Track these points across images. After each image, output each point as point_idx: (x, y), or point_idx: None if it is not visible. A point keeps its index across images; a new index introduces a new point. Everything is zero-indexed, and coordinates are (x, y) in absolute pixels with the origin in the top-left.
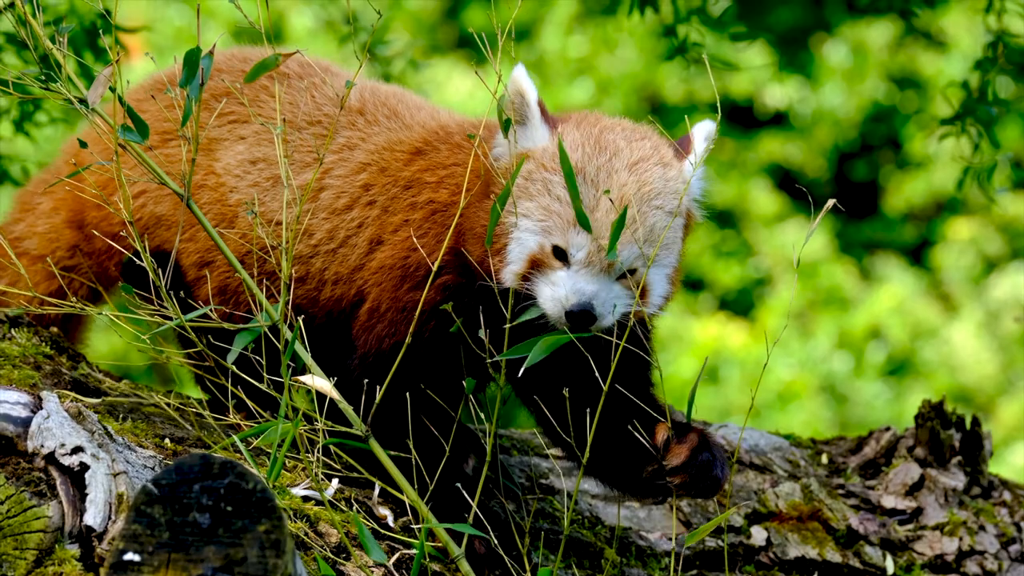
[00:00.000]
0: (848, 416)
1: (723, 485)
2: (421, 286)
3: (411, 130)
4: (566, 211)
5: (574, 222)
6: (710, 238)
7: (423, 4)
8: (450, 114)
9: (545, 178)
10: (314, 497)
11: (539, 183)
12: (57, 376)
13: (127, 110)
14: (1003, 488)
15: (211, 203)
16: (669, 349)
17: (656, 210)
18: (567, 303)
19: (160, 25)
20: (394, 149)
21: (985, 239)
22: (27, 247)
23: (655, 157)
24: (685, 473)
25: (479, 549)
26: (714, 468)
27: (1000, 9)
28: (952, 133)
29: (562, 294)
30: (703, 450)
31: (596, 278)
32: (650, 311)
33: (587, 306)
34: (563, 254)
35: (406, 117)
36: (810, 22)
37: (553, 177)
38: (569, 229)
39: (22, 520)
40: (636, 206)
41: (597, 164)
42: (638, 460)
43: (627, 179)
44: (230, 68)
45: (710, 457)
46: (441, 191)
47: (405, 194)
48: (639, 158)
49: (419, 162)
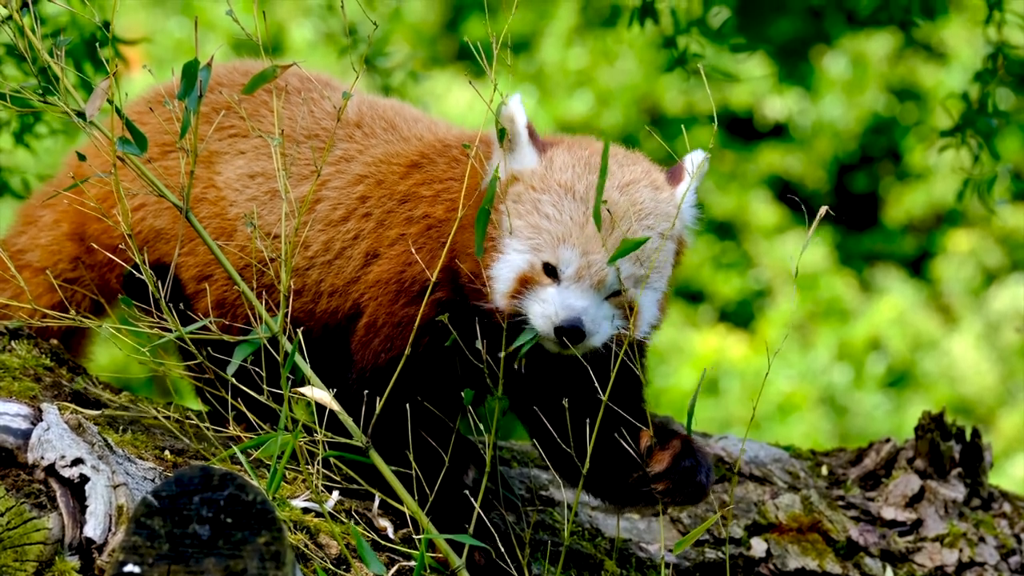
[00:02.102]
0: (848, 428)
1: (707, 491)
2: (416, 301)
3: (408, 143)
4: (555, 228)
5: (563, 238)
6: (710, 250)
7: (423, 16)
8: (448, 127)
9: (534, 198)
10: (314, 509)
11: (528, 203)
12: (57, 388)
13: (125, 122)
14: (1003, 500)
15: (211, 217)
16: (669, 361)
17: (647, 230)
18: (557, 319)
19: (160, 37)
20: (391, 162)
21: (985, 251)
22: (29, 259)
23: (646, 180)
24: (668, 479)
25: (479, 561)
26: (697, 474)
27: (1000, 21)
28: (952, 145)
29: (552, 310)
30: (686, 456)
31: (586, 294)
32: (639, 335)
33: (576, 322)
34: (553, 271)
35: (403, 129)
36: (810, 34)
37: (542, 196)
38: (559, 245)
39: (22, 532)
40: (626, 225)
41: (587, 183)
42: (624, 469)
43: (618, 199)
44: (231, 82)
45: (693, 463)
46: (437, 206)
47: (401, 208)
48: (630, 180)
49: (415, 175)
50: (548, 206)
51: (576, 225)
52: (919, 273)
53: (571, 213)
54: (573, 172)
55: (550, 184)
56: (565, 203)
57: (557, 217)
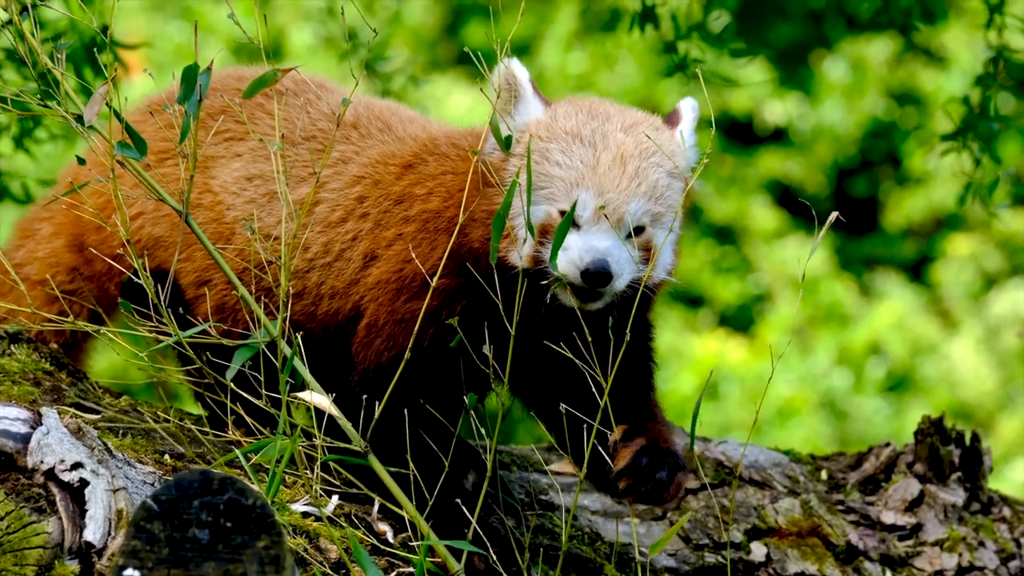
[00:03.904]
0: (848, 432)
1: (670, 489)
2: (418, 296)
3: (403, 143)
4: (567, 173)
5: (576, 182)
6: (710, 254)
7: (423, 20)
8: (440, 125)
9: (542, 147)
10: (314, 513)
11: (537, 154)
12: (57, 392)
13: (125, 127)
14: (1003, 504)
15: (208, 222)
16: (669, 366)
17: (656, 167)
18: (582, 263)
19: (160, 42)
20: (387, 163)
21: (985, 255)
22: (28, 272)
23: (647, 122)
24: (627, 476)
25: (478, 565)
26: (658, 471)
27: (1000, 25)
28: (953, 149)
29: (576, 255)
30: (647, 453)
31: (607, 235)
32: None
33: (603, 263)
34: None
35: (399, 130)
36: (810, 38)
37: (549, 145)
38: (572, 189)
39: (22, 536)
40: (636, 162)
41: (592, 127)
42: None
43: (624, 139)
44: (225, 87)
45: (652, 460)
46: (432, 200)
47: (397, 208)
48: (633, 122)
49: (409, 176)
50: (557, 153)
51: (587, 167)
52: (919, 277)
53: (581, 156)
54: (577, 119)
55: (556, 132)
56: (574, 148)
57: (567, 163)
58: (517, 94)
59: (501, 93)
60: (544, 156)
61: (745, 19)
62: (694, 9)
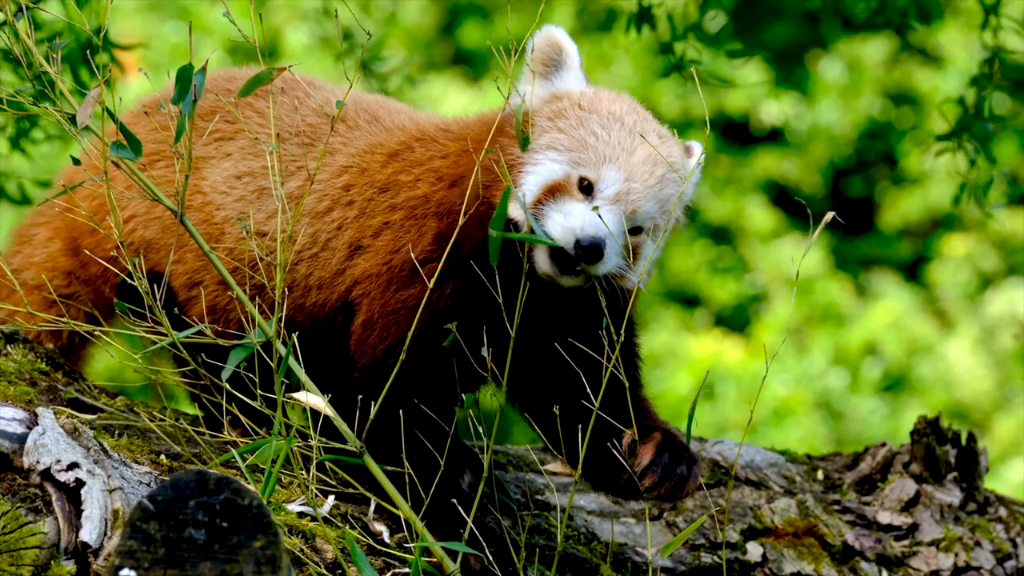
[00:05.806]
0: (844, 432)
1: (689, 483)
2: (408, 284)
3: (391, 133)
4: (603, 147)
5: (610, 158)
6: (706, 254)
7: (419, 20)
8: (428, 116)
9: (580, 115)
10: (310, 513)
11: (572, 119)
12: (53, 392)
13: (119, 127)
14: (999, 504)
15: (198, 223)
16: (665, 365)
17: (674, 184)
18: (581, 232)
19: (156, 42)
20: (374, 152)
21: (981, 255)
22: (25, 278)
23: (674, 141)
24: (653, 472)
25: (474, 565)
26: (679, 466)
27: (996, 25)
28: (948, 149)
29: (578, 224)
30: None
31: (616, 219)
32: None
33: (600, 241)
34: (589, 188)
35: (386, 120)
36: (806, 39)
37: (591, 116)
38: (604, 163)
39: (18, 536)
40: (663, 171)
41: (634, 119)
42: (614, 461)
43: (659, 144)
44: (215, 87)
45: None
46: (419, 186)
47: (382, 196)
48: (666, 134)
49: (394, 164)
50: (596, 126)
51: (624, 151)
52: (915, 277)
53: (619, 139)
54: (620, 106)
55: (600, 108)
56: (614, 128)
57: (606, 139)
58: (562, 62)
59: (540, 56)
60: (581, 123)
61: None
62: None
